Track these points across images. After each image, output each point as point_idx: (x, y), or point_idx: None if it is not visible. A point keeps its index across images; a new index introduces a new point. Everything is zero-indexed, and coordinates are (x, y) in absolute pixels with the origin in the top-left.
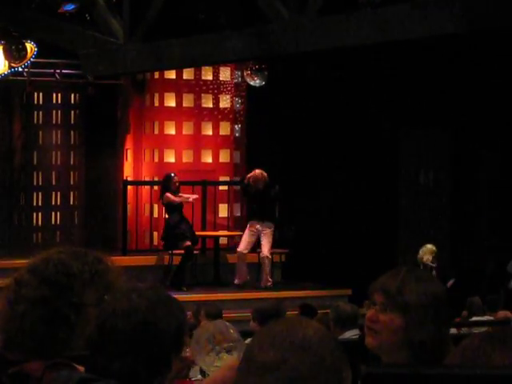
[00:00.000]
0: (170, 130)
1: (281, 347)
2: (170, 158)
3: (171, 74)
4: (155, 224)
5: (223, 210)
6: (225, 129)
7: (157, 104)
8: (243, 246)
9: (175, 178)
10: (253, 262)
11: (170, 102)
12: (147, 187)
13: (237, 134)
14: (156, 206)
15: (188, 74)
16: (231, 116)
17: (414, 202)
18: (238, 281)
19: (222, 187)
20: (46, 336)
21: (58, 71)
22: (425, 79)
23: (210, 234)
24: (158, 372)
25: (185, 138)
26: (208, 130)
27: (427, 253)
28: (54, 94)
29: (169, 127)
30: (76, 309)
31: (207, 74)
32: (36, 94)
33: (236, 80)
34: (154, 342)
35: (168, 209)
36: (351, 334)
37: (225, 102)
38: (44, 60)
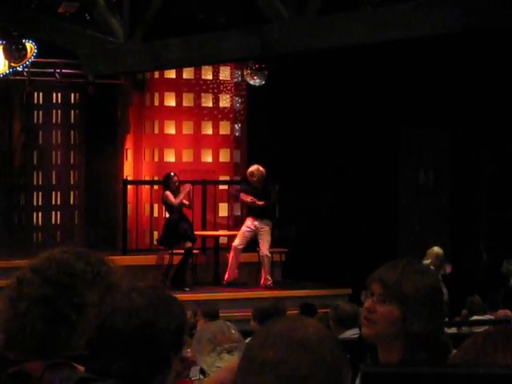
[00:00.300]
0: (170, 129)
1: (281, 346)
2: (170, 157)
3: (171, 74)
4: (155, 223)
5: (223, 210)
6: (225, 128)
7: (157, 103)
8: (239, 241)
9: (175, 177)
10: (253, 262)
11: (170, 101)
12: (147, 187)
13: (237, 134)
14: (156, 206)
15: (188, 74)
16: (231, 115)
17: (414, 202)
18: (227, 277)
19: (222, 187)
20: (47, 335)
21: (58, 71)
22: (425, 79)
23: (210, 233)
24: (158, 371)
25: (185, 137)
26: (208, 130)
27: (429, 256)
28: (54, 94)
29: (169, 127)
30: (77, 309)
31: (207, 74)
32: (36, 94)
33: (236, 79)
34: (154, 341)
35: (168, 207)
36: (351, 334)
37: (225, 102)
38: (44, 60)
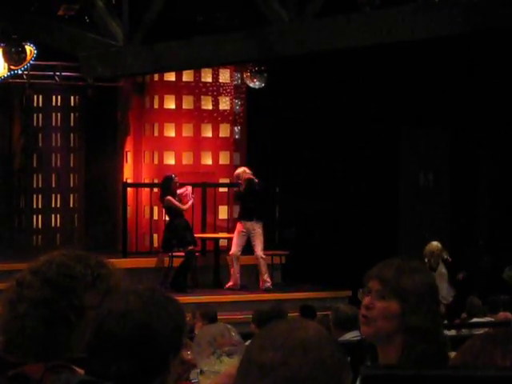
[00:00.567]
0: (170, 132)
1: (281, 348)
2: (170, 160)
3: (171, 76)
4: (155, 226)
5: (223, 212)
6: (224, 131)
7: (156, 106)
8: (235, 249)
9: (176, 178)
10: (252, 264)
11: (170, 104)
12: (147, 189)
13: (236, 136)
14: (156, 208)
15: (188, 76)
16: (231, 118)
17: (414, 203)
18: (231, 284)
19: (221, 189)
20: (47, 337)
21: (58, 73)
22: (424, 80)
23: (210, 235)
24: (156, 374)
25: (184, 139)
26: (208, 132)
27: (427, 253)
28: (54, 97)
29: (168, 129)
30: (77, 311)
31: (207, 76)
32: (36, 97)
33: (236, 82)
34: (150, 343)
35: (170, 212)
36: (351, 336)
37: (224, 104)
38: (43, 62)
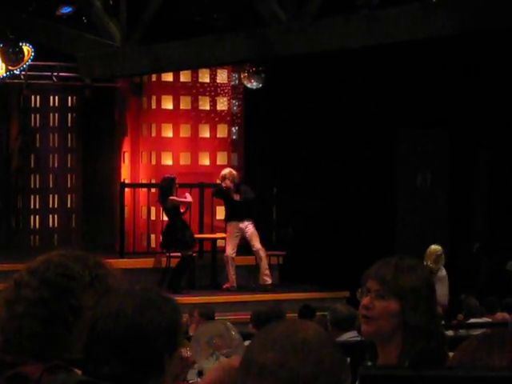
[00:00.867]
0: (168, 132)
1: (280, 349)
2: (168, 160)
3: (168, 77)
4: (152, 226)
5: (221, 213)
6: (222, 131)
7: (154, 106)
8: (230, 250)
9: (177, 180)
10: (249, 265)
11: (168, 104)
12: (144, 190)
13: (234, 137)
14: (153, 209)
15: (185, 77)
16: (228, 118)
17: (412, 203)
18: (228, 285)
19: None
20: (44, 337)
21: (55, 74)
22: (423, 80)
23: (208, 236)
24: (151, 373)
25: (182, 140)
26: (205, 133)
27: (427, 257)
28: (51, 97)
29: (166, 130)
30: (75, 311)
31: (204, 77)
32: (33, 97)
33: (233, 82)
34: (144, 342)
35: (171, 213)
36: (349, 336)
37: (222, 105)
38: (41, 63)
